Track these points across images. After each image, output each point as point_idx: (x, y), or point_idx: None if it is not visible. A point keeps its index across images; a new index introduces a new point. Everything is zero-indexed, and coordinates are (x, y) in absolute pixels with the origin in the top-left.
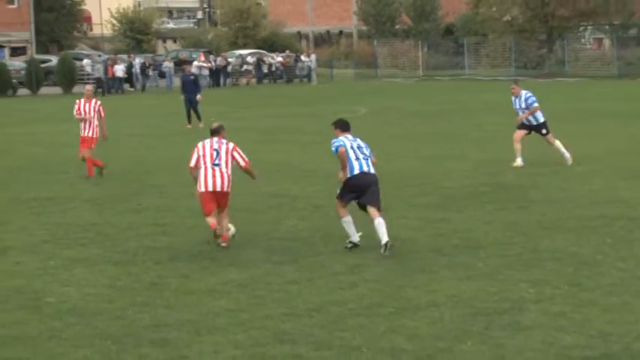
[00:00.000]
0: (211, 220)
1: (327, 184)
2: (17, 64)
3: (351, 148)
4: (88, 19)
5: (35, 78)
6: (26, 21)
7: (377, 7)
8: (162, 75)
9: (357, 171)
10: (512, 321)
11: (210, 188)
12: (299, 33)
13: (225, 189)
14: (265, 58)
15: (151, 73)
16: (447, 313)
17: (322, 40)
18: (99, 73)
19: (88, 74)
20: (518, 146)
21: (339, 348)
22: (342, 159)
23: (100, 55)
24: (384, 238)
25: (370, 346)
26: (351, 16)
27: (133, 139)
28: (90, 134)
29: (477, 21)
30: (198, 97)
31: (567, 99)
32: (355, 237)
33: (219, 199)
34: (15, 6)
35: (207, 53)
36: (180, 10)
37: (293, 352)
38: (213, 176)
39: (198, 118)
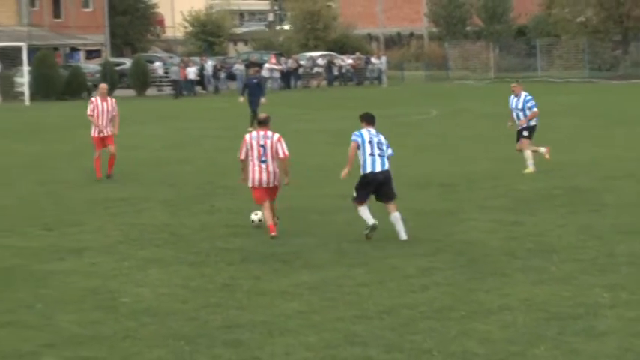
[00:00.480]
0: (266, 214)
1: (398, 187)
2: (92, 66)
3: (369, 142)
4: (161, 22)
5: (109, 80)
6: (101, 24)
7: (448, 9)
8: (232, 77)
9: (369, 169)
10: (587, 326)
11: (257, 184)
12: (369, 35)
13: (272, 184)
14: (336, 61)
15: (222, 75)
16: (520, 317)
17: (393, 42)
18: (176, 75)
19: (160, 77)
20: (528, 153)
21: (409, 351)
22: (350, 155)
23: (171, 57)
24: (402, 235)
25: (441, 350)
26: (421, 17)
27: (205, 140)
28: (110, 132)
29: (549, 22)
30: (263, 100)
31: None
32: (371, 220)
33: (268, 192)
34: (90, 9)
35: (278, 55)
36: (252, 13)
37: (364, 355)
38: (260, 173)
39: (252, 121)
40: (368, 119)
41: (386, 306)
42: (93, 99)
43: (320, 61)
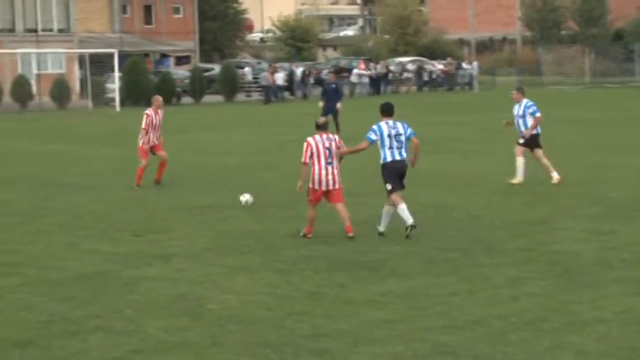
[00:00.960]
0: (312, 215)
1: (486, 194)
2: (181, 72)
3: (388, 136)
4: (250, 28)
5: (198, 86)
6: (191, 30)
7: (542, 12)
8: (320, 83)
9: (389, 158)
10: None
11: (324, 187)
12: (460, 40)
13: (337, 186)
14: (426, 66)
15: (311, 81)
16: (615, 330)
17: (484, 47)
18: (266, 81)
19: (249, 82)
20: (520, 161)
21: None
22: (354, 150)
23: (259, 63)
24: (410, 219)
25: None
26: (514, 21)
27: (292, 146)
28: (158, 141)
29: None
30: (339, 105)
31: None
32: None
33: (333, 195)
34: (180, 16)
35: (368, 61)
36: (341, 18)
37: None
38: (327, 175)
39: (338, 128)
40: (385, 110)
41: (476, 316)
42: (148, 112)
43: (410, 67)
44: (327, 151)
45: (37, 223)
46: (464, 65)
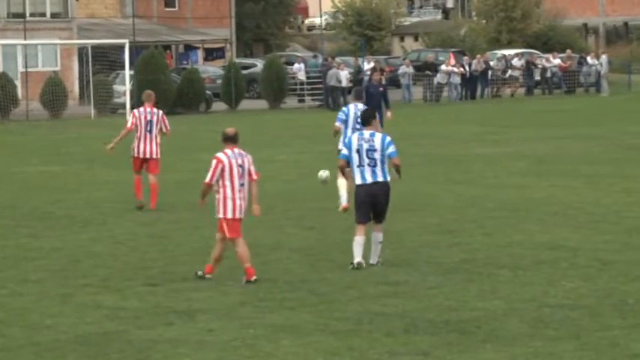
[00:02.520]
0: (218, 253)
1: (621, 233)
2: (212, 70)
3: (357, 152)
4: (304, 11)
5: (235, 89)
6: (225, 15)
7: None
8: (396, 84)
9: (359, 180)
10: None
11: (237, 215)
12: (585, 26)
13: (243, 216)
14: (538, 61)
15: (384, 81)
16: None
17: (617, 36)
18: (335, 80)
19: (302, 82)
20: None
21: None
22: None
23: (315, 57)
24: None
25: None
26: None
27: None
28: (152, 155)
29: None
30: (389, 114)
31: None
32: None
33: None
34: None
35: (459, 54)
36: None
37: None
38: (241, 200)
39: None
40: (364, 120)
41: None
42: (136, 110)
43: (516, 62)
44: (240, 169)
45: (22, 269)
46: (589, 60)
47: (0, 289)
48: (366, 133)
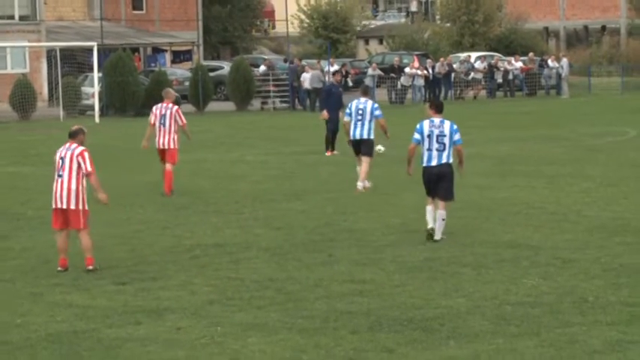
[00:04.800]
0: (61, 251)
1: (581, 232)
2: (180, 72)
3: (428, 136)
4: (270, 14)
5: (202, 91)
6: (192, 18)
7: None
8: (360, 84)
9: (425, 163)
10: None
11: (53, 205)
12: (546, 30)
13: (72, 206)
14: (500, 64)
15: (350, 83)
16: None
17: (577, 40)
18: (316, 83)
19: (307, 91)
20: None
21: None
22: (409, 155)
23: (285, 60)
24: (437, 235)
25: None
26: (618, 5)
27: (323, 168)
28: (169, 145)
29: None
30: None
31: None
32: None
33: (67, 217)
34: None
35: (423, 57)
36: (389, 1)
37: None
38: (55, 190)
39: (333, 148)
40: (434, 107)
41: None
42: (155, 107)
43: (478, 65)
44: (61, 161)
45: None
46: (550, 63)
47: None
48: (437, 120)
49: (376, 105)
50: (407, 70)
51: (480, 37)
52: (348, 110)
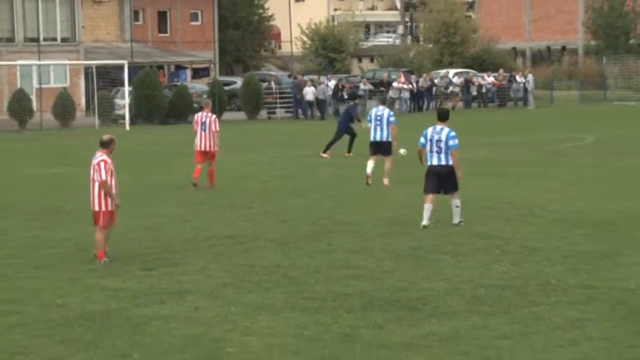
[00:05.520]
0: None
1: (545, 225)
2: (199, 86)
3: (430, 140)
4: (277, 37)
5: (218, 102)
6: (210, 39)
7: (609, 18)
8: (353, 97)
9: (429, 162)
10: None
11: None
12: (514, 49)
13: (95, 207)
14: (474, 79)
15: (345, 96)
16: None
17: (541, 58)
18: (323, 94)
19: (310, 103)
20: None
21: None
22: (418, 155)
23: (290, 76)
24: (455, 219)
25: None
26: (576, 29)
27: (322, 170)
28: (212, 148)
29: None
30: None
31: None
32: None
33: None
34: (198, 23)
35: (408, 73)
36: (379, 25)
37: None
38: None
39: (328, 147)
40: (439, 116)
41: None
42: (197, 114)
43: (456, 80)
44: (91, 168)
45: (36, 256)
46: (517, 78)
47: (17, 273)
48: (438, 127)
49: (392, 112)
50: (394, 84)
51: (457, 56)
52: (368, 117)
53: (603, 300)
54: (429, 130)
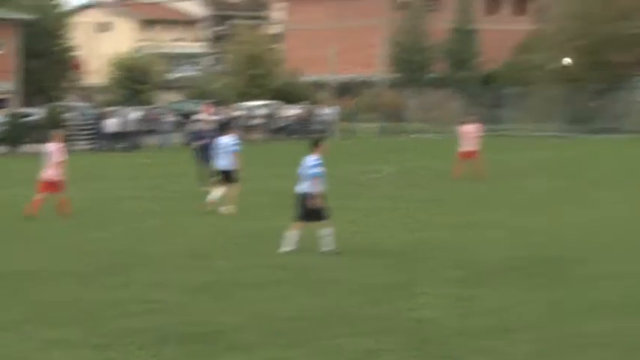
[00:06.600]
0: None
1: (346, 255)
2: None
3: (303, 167)
4: (77, 66)
5: (16, 134)
6: (10, 69)
7: (409, 53)
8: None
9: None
10: None
11: None
12: (318, 82)
13: None
14: (278, 111)
15: (149, 128)
16: None
17: (345, 90)
18: (134, 126)
19: (80, 128)
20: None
21: None
22: None
23: (95, 107)
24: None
25: None
26: (379, 62)
27: (124, 202)
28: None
29: (520, 69)
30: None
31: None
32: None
33: None
34: (1, 52)
35: (216, 104)
36: (187, 57)
37: None
38: None
39: (205, 181)
40: (310, 145)
41: None
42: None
43: (259, 112)
44: None
45: None
46: (322, 110)
47: None
48: (308, 156)
49: (235, 141)
50: (198, 116)
51: (263, 88)
52: (215, 146)
53: (400, 330)
54: (305, 158)
